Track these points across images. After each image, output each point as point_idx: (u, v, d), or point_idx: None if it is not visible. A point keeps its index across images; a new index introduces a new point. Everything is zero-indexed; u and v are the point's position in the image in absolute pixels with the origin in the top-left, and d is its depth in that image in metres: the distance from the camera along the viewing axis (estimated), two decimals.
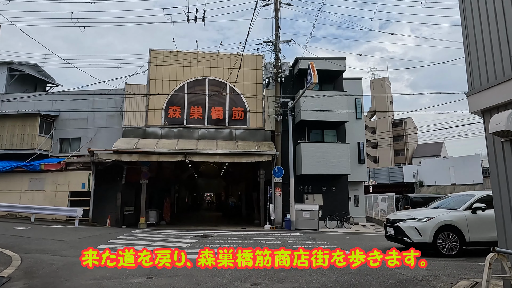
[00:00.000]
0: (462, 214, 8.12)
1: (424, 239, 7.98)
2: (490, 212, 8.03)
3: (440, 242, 7.97)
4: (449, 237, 8.00)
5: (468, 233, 7.96)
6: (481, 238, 7.93)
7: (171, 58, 18.49)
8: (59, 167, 16.30)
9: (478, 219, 8.03)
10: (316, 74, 12.37)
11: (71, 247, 8.96)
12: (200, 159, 16.45)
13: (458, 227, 7.98)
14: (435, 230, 7.94)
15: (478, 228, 7.97)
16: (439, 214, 8.26)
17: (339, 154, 17.58)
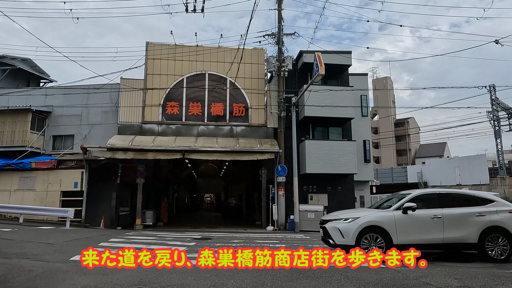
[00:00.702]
0: (391, 214, 7.40)
1: (346, 241, 7.31)
2: (422, 212, 7.41)
3: (364, 245, 7.24)
4: (375, 239, 7.27)
5: (396, 235, 7.23)
6: (411, 241, 7.25)
7: (169, 52, 17.68)
8: (50, 165, 15.48)
9: (408, 220, 7.32)
10: (323, 65, 11.57)
11: (55, 251, 8.13)
12: (199, 157, 15.63)
13: (384, 228, 7.27)
14: (358, 231, 7.25)
15: (407, 230, 7.29)
16: (365, 215, 7.58)
17: (345, 152, 16.76)
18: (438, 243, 7.28)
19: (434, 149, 58.06)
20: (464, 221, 7.28)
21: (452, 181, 35.15)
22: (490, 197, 7.67)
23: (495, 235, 7.21)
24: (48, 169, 15.57)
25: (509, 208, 7.43)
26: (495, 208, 7.37)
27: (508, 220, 7.27)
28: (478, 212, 7.33)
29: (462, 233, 7.22)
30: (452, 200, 7.62)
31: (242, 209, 28.76)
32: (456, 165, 35.42)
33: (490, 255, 7.18)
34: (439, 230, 7.24)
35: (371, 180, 20.51)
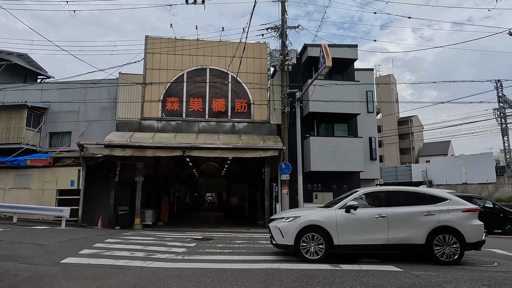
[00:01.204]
0: (333, 213, 7.07)
1: (286, 241, 7.05)
2: (366, 211, 7.06)
3: (303, 245, 6.94)
4: (315, 239, 6.94)
5: (337, 235, 6.88)
6: (352, 241, 6.92)
7: (169, 46, 17.13)
8: (46, 163, 14.96)
9: (350, 220, 6.96)
10: (330, 57, 10.99)
11: (46, 253, 7.60)
12: (200, 154, 15.07)
13: (325, 227, 6.93)
14: (297, 231, 6.95)
15: (349, 230, 6.92)
16: (307, 213, 7.24)
17: (351, 149, 16.18)
18: (382, 243, 6.84)
19: (438, 148, 57.39)
20: (410, 221, 6.82)
21: (458, 179, 34.53)
22: (444, 195, 7.15)
23: (445, 235, 6.74)
24: (44, 166, 15.05)
25: (463, 207, 6.91)
26: (446, 207, 6.86)
27: (459, 219, 6.77)
28: (427, 211, 6.85)
29: (408, 233, 6.77)
30: (401, 198, 7.18)
31: (244, 208, 28.23)
32: (462, 163, 34.78)
33: (439, 257, 6.72)
34: (383, 230, 6.81)
35: (377, 178, 19.93)
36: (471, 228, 6.74)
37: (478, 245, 6.84)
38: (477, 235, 6.77)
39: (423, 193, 7.25)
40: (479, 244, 6.81)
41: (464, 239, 6.67)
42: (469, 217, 6.81)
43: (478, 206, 7.85)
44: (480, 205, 15.58)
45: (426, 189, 7.51)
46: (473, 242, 6.70)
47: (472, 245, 6.75)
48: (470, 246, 6.74)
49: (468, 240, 6.67)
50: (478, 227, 6.82)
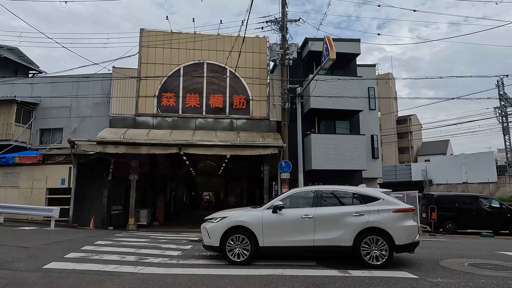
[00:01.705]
0: (260, 214, 6.77)
1: (212, 242, 6.79)
2: (293, 211, 6.74)
3: (229, 246, 6.66)
4: (240, 240, 6.66)
5: (263, 236, 6.58)
6: (278, 243, 6.61)
7: (165, 39, 16.50)
8: (35, 160, 14.30)
9: (277, 220, 6.65)
10: (334, 48, 10.41)
11: (29, 257, 6.99)
12: (197, 151, 14.48)
13: (251, 229, 6.64)
14: (222, 232, 6.69)
15: (275, 231, 6.62)
16: (234, 214, 7.00)
17: (353, 147, 15.65)
18: (308, 245, 6.49)
19: (437, 147, 57.09)
20: (338, 222, 6.47)
21: (459, 179, 34.14)
22: (376, 194, 6.75)
23: (373, 237, 6.34)
24: (33, 164, 14.40)
25: (394, 207, 6.50)
26: (377, 207, 6.48)
27: (389, 220, 6.36)
28: (356, 212, 6.48)
29: (334, 234, 6.41)
30: (332, 198, 6.88)
31: None
32: (463, 162, 34.36)
33: (366, 260, 6.30)
34: (309, 231, 6.48)
35: (379, 177, 19.41)
36: (402, 229, 6.34)
37: (409, 247, 6.47)
38: (408, 237, 6.38)
39: (355, 192, 6.87)
40: (410, 246, 6.44)
41: (393, 241, 6.27)
42: (400, 217, 6.42)
43: (484, 206, 7.26)
44: (486, 205, 15.14)
45: (358, 189, 7.07)
46: (403, 244, 6.32)
47: (402, 247, 6.37)
48: (400, 248, 6.37)
49: (397, 242, 6.27)
50: (409, 228, 6.45)
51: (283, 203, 6.82)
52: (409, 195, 16.32)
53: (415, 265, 6.75)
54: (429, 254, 8.24)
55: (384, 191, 6.98)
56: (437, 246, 10.06)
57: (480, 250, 9.20)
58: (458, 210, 14.95)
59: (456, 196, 15.91)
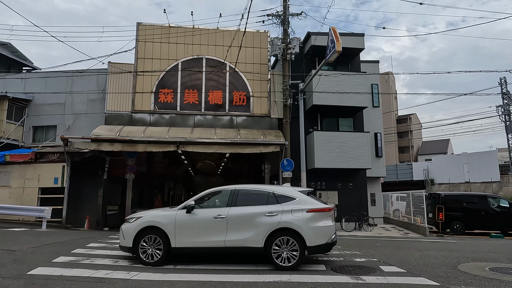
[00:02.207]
0: (173, 213, 6.61)
1: (126, 243, 6.58)
2: (206, 211, 6.55)
3: (142, 247, 6.47)
4: (153, 241, 6.46)
5: (175, 237, 6.39)
6: (189, 244, 6.40)
7: (163, 34, 15.94)
8: (27, 159, 13.72)
9: (190, 220, 6.48)
10: (339, 40, 9.89)
11: (14, 261, 6.44)
12: (195, 149, 13.94)
13: (163, 229, 6.45)
14: (135, 232, 6.49)
15: (187, 231, 6.45)
16: (149, 214, 6.86)
17: (357, 144, 15.13)
18: (220, 246, 6.29)
19: (437, 146, 56.74)
20: (250, 222, 6.27)
21: (461, 178, 33.72)
22: (292, 194, 6.52)
23: (285, 237, 6.13)
24: (25, 163, 13.82)
25: (309, 207, 6.26)
26: (291, 207, 6.26)
27: (301, 220, 6.12)
28: (269, 212, 6.27)
29: (246, 235, 6.21)
30: (246, 197, 6.63)
31: None
32: (465, 161, 33.94)
33: (276, 262, 6.07)
34: (221, 232, 6.30)
35: (383, 176, 18.90)
36: (314, 229, 6.11)
37: (322, 248, 6.26)
38: (321, 238, 6.15)
39: (271, 192, 6.61)
40: (323, 247, 6.21)
41: (304, 241, 6.04)
42: (314, 218, 6.18)
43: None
44: (495, 205, 14.66)
45: (274, 188, 6.82)
46: (314, 245, 6.08)
47: (314, 248, 6.14)
48: (312, 249, 6.14)
49: (309, 243, 6.04)
50: (323, 229, 6.20)
51: (197, 202, 6.66)
52: (414, 195, 15.86)
53: (431, 270, 6.25)
54: (444, 257, 7.74)
55: (302, 190, 6.69)
56: (448, 248, 9.56)
57: (496, 252, 8.70)
58: (466, 210, 14.47)
59: (464, 196, 15.43)
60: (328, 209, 6.36)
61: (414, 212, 15.55)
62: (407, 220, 17.17)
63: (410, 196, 16.08)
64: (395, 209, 22.67)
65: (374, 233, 14.31)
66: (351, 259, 7.27)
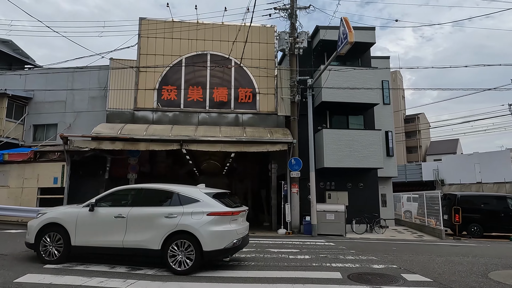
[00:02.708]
0: (76, 211, 6.43)
1: (29, 239, 6.44)
2: (108, 210, 6.35)
3: (44, 244, 6.31)
4: (56, 238, 6.31)
5: (75, 235, 6.24)
6: (89, 243, 6.21)
7: (166, 29, 15.44)
8: (26, 158, 13.29)
9: (92, 219, 6.31)
10: (352, 31, 9.28)
11: (2, 267, 5.94)
12: (199, 148, 13.40)
13: (64, 226, 6.31)
14: (38, 228, 6.36)
15: (88, 230, 6.26)
16: (54, 210, 6.75)
17: (369, 143, 14.47)
18: (118, 247, 6.09)
19: (446, 146, 55.69)
20: (149, 223, 6.04)
21: (472, 178, 32.81)
22: (196, 196, 6.21)
23: (182, 241, 5.85)
24: (24, 162, 13.38)
25: (211, 210, 5.97)
26: (192, 209, 5.98)
27: (199, 223, 5.84)
28: (169, 213, 5.99)
29: (144, 237, 5.97)
30: (151, 197, 6.45)
31: None
32: (476, 161, 33.01)
33: (172, 266, 5.79)
34: (120, 232, 6.10)
35: (394, 176, 18.19)
36: (212, 233, 5.80)
37: (219, 254, 5.90)
38: (219, 242, 5.81)
39: (175, 192, 6.31)
40: (220, 252, 5.86)
41: (201, 246, 5.75)
42: (213, 221, 5.87)
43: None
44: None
45: (179, 188, 6.44)
46: (211, 250, 5.76)
47: (211, 253, 5.79)
48: (209, 254, 5.79)
49: (205, 247, 5.74)
50: (223, 233, 5.88)
51: (101, 200, 6.48)
52: (428, 196, 15.17)
53: (460, 279, 5.60)
54: (470, 263, 7.08)
55: (208, 192, 6.33)
56: (471, 252, 8.89)
57: None
58: (484, 211, 13.74)
59: (482, 197, 14.67)
60: (230, 213, 6.06)
61: (428, 213, 14.84)
62: (420, 222, 16.48)
63: (423, 197, 15.38)
64: (406, 210, 21.95)
65: (386, 236, 13.65)
66: (368, 266, 6.65)
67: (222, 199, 6.35)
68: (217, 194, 6.39)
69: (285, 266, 6.56)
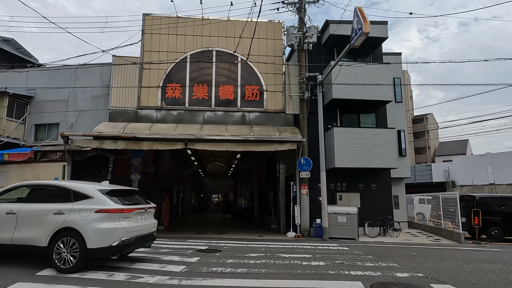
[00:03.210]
0: None
1: None
2: (2, 206, 6.20)
3: None
4: None
5: None
6: None
7: (170, 25, 14.97)
8: (26, 158, 12.86)
9: None
10: (367, 21, 8.69)
11: None
12: (205, 147, 12.88)
13: None
14: None
15: None
16: None
17: (382, 142, 13.82)
18: (7, 243, 6.02)
19: (455, 147, 54.56)
20: (38, 220, 5.99)
21: (484, 179, 31.85)
22: (90, 192, 6.09)
23: (68, 238, 5.77)
24: (24, 162, 12.96)
25: (99, 207, 5.86)
26: (81, 206, 5.91)
27: (85, 220, 5.75)
28: (58, 210, 5.92)
29: (32, 233, 5.92)
30: (44, 193, 6.33)
31: (253, 210, 25.95)
32: (489, 162, 32.04)
33: (56, 263, 5.70)
34: (10, 228, 6.04)
35: (407, 177, 17.48)
36: (97, 231, 5.70)
37: (105, 252, 5.78)
38: (105, 240, 5.70)
39: (69, 189, 6.22)
40: (107, 250, 5.73)
41: (85, 243, 5.65)
42: (100, 218, 5.77)
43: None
44: None
45: (74, 185, 6.34)
46: (96, 247, 5.64)
47: (96, 251, 5.68)
48: (93, 252, 5.69)
49: (89, 245, 5.64)
50: (109, 231, 5.75)
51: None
52: (444, 197, 14.45)
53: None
54: (503, 272, 6.43)
55: (102, 189, 6.21)
56: (499, 259, 8.21)
57: None
58: (506, 214, 13.00)
59: (503, 198, 13.87)
60: (120, 210, 5.94)
61: (444, 216, 14.13)
62: (434, 225, 15.75)
63: (439, 198, 14.67)
64: (418, 213, 21.20)
65: (401, 239, 12.98)
66: (391, 274, 6.04)
67: (119, 197, 6.30)
68: (112, 191, 6.29)
69: (299, 274, 5.98)
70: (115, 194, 6.30)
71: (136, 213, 6.28)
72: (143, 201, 6.99)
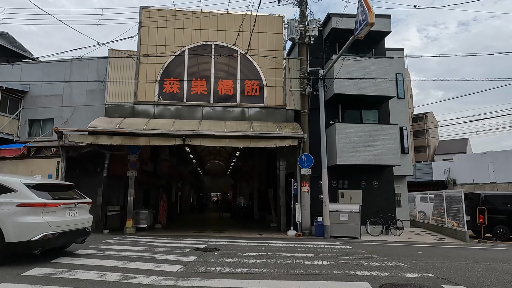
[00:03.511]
0: None
1: None
2: None
3: None
4: None
5: None
6: None
7: (168, 18, 14.61)
8: (19, 154, 12.49)
9: None
10: (372, 10, 8.35)
11: None
12: (203, 143, 12.54)
13: None
14: None
15: None
16: None
17: (385, 138, 13.50)
18: None
19: (455, 146, 54.36)
20: None
21: (486, 178, 31.61)
22: (14, 186, 5.98)
23: None
24: (16, 158, 12.59)
25: (21, 201, 5.81)
26: (2, 199, 5.81)
27: (4, 214, 5.66)
28: None
29: None
30: None
31: (252, 209, 25.63)
32: (490, 160, 31.79)
33: None
34: None
35: (409, 175, 17.17)
36: (16, 225, 5.65)
37: (24, 246, 5.71)
38: (24, 234, 5.65)
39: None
40: (26, 244, 5.67)
41: (3, 237, 5.61)
42: (20, 212, 5.73)
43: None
44: None
45: (5, 179, 6.18)
46: (14, 241, 5.60)
47: (14, 245, 5.63)
48: (12, 246, 5.63)
49: (7, 239, 5.60)
50: (29, 225, 5.69)
51: None
52: (447, 195, 14.16)
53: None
54: None
55: (29, 183, 6.06)
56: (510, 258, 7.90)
57: None
58: (511, 212, 12.68)
59: (508, 196, 13.58)
60: (42, 204, 5.87)
61: (447, 214, 13.83)
62: (437, 223, 15.47)
63: (442, 196, 14.37)
64: (420, 211, 20.91)
65: (404, 238, 12.67)
66: (399, 275, 5.71)
67: (49, 191, 6.24)
68: (40, 185, 6.19)
69: (302, 274, 5.65)
70: (44, 189, 6.22)
71: (63, 208, 6.19)
72: (79, 196, 6.84)
